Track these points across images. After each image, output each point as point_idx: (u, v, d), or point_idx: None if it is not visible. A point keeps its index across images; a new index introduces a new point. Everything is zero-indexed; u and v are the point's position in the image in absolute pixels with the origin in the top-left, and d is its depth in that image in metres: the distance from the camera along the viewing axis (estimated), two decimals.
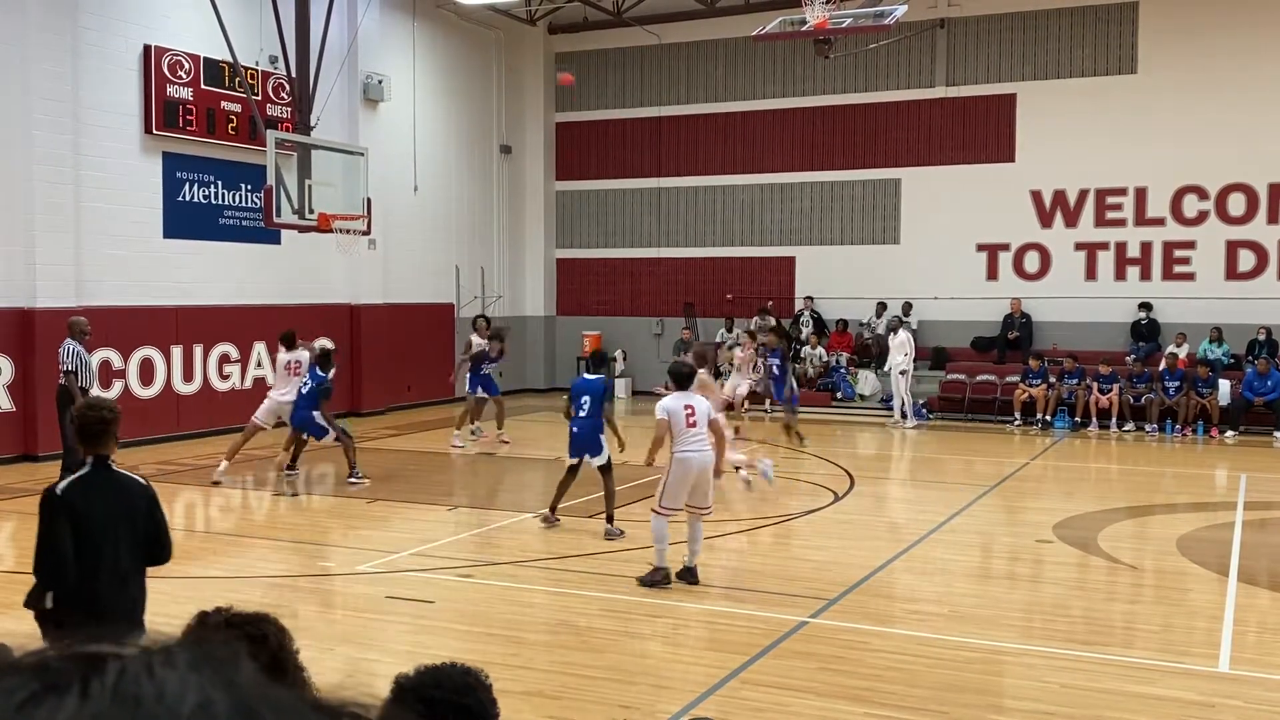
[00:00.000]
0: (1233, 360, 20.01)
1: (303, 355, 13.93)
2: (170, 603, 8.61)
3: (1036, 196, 21.93)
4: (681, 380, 9.37)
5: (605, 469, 11.01)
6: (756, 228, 24.23)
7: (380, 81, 20.85)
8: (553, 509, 11.23)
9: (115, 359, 16.55)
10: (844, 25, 15.48)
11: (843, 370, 22.14)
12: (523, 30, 25.01)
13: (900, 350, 19.41)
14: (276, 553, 10.42)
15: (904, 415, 19.87)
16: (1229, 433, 18.89)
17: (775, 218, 24.05)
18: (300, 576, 9.49)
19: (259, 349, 18.83)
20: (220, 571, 9.97)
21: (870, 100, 23.10)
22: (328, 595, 9.14)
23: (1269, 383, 18.96)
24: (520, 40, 25.12)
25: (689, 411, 9.06)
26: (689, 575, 9.07)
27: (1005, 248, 22.20)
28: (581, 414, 11.01)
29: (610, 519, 10.89)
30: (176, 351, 17.35)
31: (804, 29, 15.38)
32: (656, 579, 8.97)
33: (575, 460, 11.08)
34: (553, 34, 25.62)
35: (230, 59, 16.60)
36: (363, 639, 7.78)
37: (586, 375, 11.62)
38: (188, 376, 17.56)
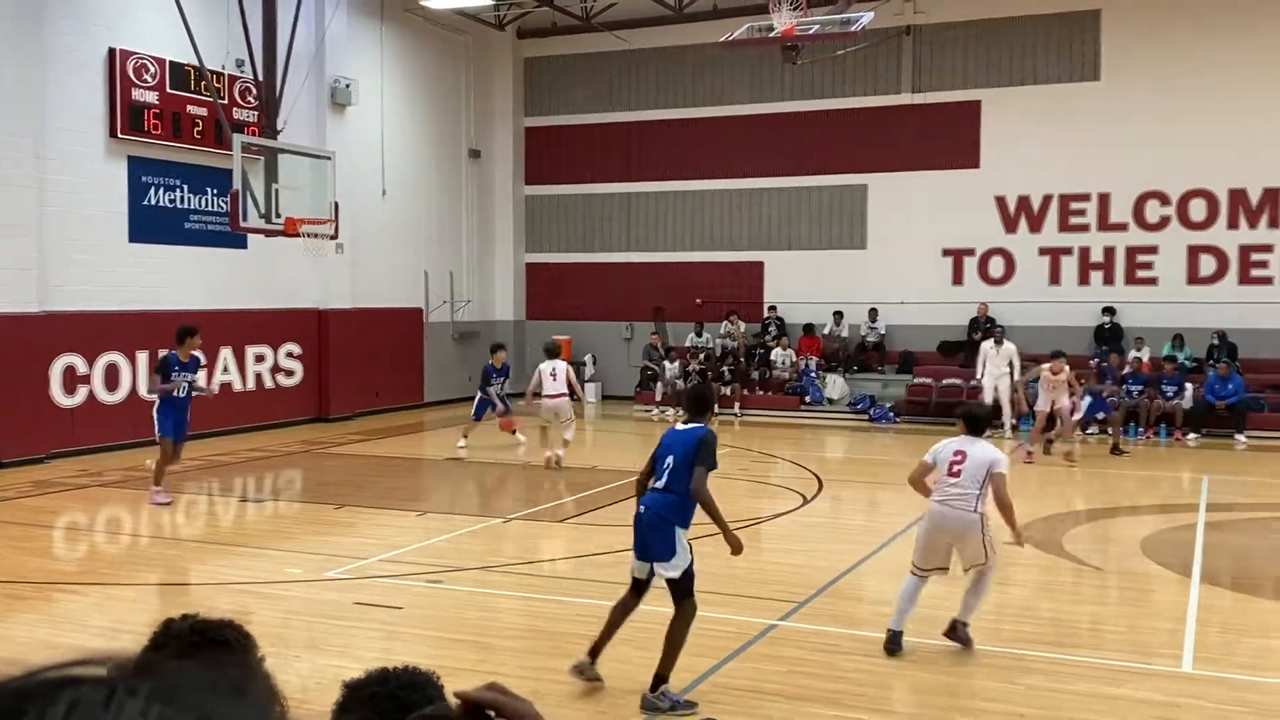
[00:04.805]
0: (1195, 364, 20.24)
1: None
2: (133, 611, 8.54)
3: (1001, 202, 22.12)
4: None
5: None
6: (725, 233, 24.29)
7: (348, 85, 20.75)
8: None
9: (80, 364, 16.37)
10: (811, 32, 15.53)
11: (812, 374, 22.23)
12: (491, 35, 24.97)
13: (1005, 360, 19.22)
14: (243, 559, 10.34)
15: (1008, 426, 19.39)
16: (1192, 435, 19.12)
17: (744, 223, 24.12)
18: (267, 583, 9.42)
19: (225, 354, 18.70)
20: (186, 578, 9.89)
21: (837, 106, 23.22)
22: (295, 602, 9.07)
23: (1230, 386, 19.21)
24: (489, 45, 25.08)
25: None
26: None
27: (970, 253, 22.39)
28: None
29: None
30: (142, 357, 17.17)
31: (771, 35, 15.42)
32: None
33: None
34: (521, 39, 25.59)
35: (196, 62, 16.49)
36: (330, 646, 7.73)
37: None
38: None
